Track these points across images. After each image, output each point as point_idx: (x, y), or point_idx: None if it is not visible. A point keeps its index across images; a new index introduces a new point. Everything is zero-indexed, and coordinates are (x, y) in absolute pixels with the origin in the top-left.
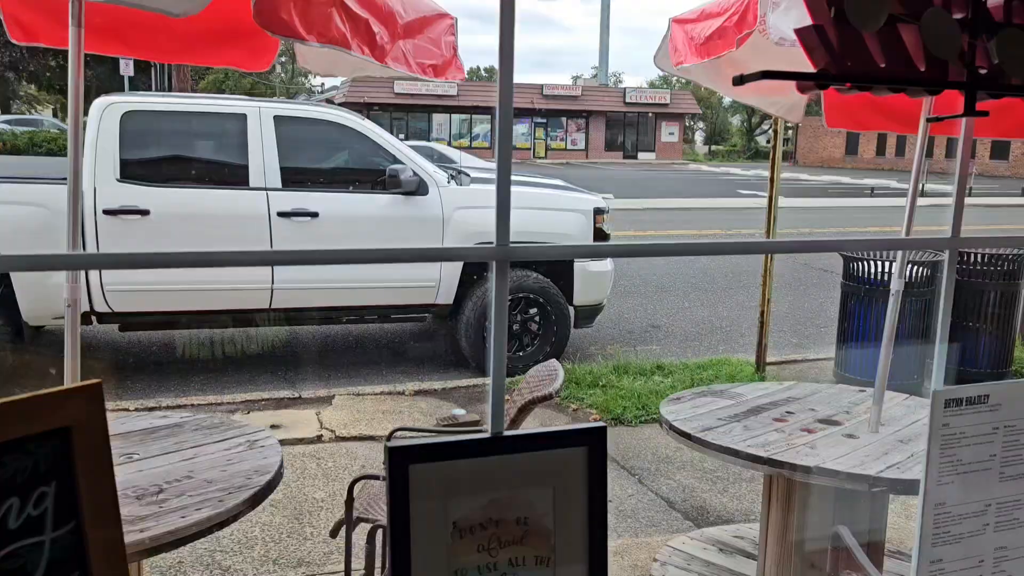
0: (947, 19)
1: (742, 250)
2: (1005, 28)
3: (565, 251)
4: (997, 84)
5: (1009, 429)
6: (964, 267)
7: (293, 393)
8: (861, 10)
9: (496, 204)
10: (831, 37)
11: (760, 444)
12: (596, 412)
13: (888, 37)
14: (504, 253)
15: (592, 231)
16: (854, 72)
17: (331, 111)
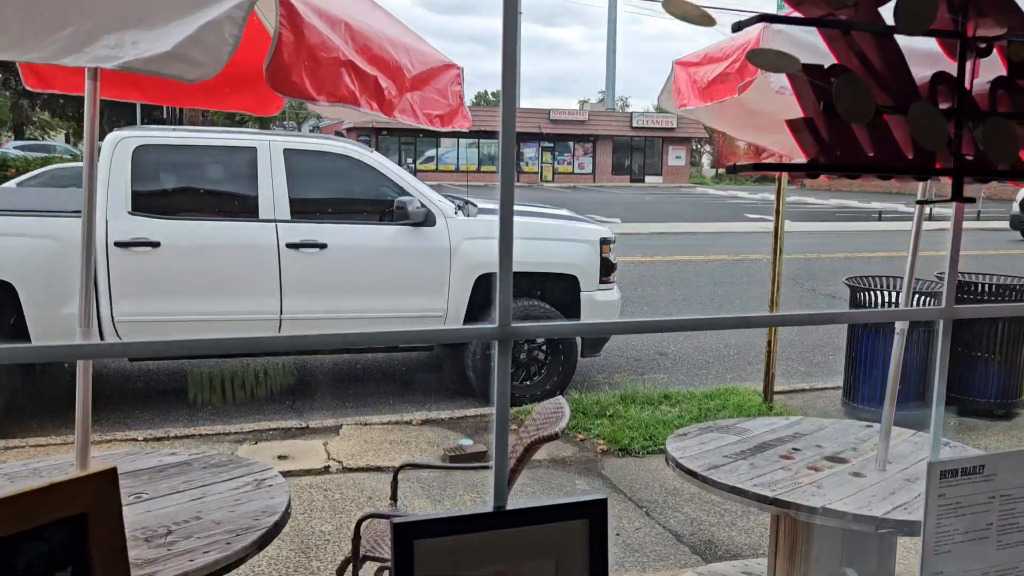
0: (933, 111)
1: (747, 324)
2: (990, 117)
3: (568, 329)
4: (983, 170)
5: (1005, 498)
6: (972, 297)
7: (301, 423)
8: (850, 105)
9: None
10: (821, 129)
11: (766, 483)
12: (603, 442)
13: (876, 128)
14: (506, 333)
15: (599, 261)
16: (844, 161)
17: (339, 144)
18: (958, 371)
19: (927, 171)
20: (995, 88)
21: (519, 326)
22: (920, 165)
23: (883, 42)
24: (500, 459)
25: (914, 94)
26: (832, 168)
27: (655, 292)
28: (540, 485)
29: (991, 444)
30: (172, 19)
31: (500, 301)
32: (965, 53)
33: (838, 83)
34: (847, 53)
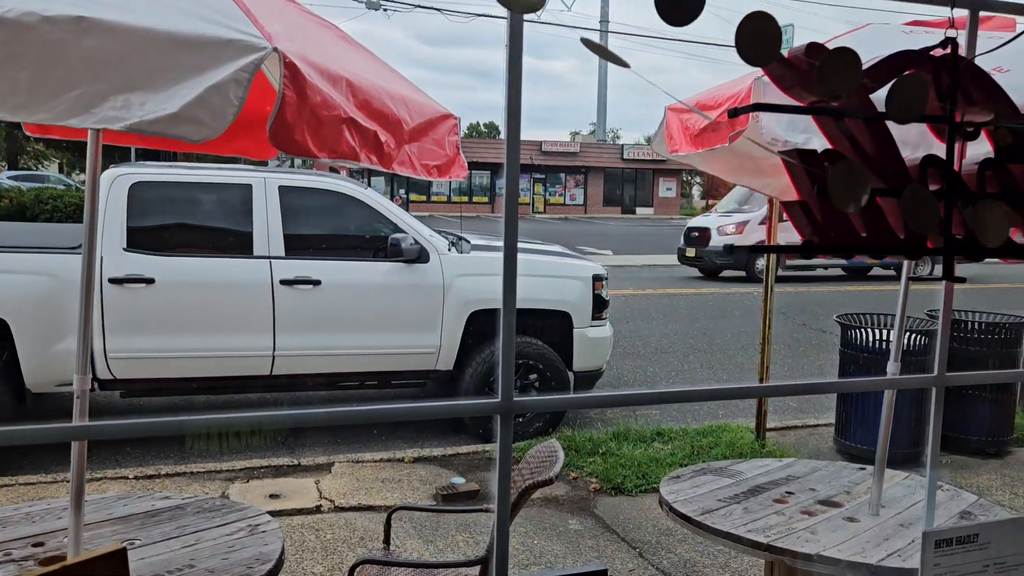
0: (926, 194)
1: (739, 395)
2: (982, 198)
3: (566, 402)
4: (974, 250)
5: (1000, 566)
6: (964, 335)
7: (292, 460)
8: (844, 192)
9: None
10: (815, 211)
11: (760, 528)
12: (596, 481)
13: (869, 210)
14: (508, 407)
15: (592, 297)
16: (837, 242)
17: (333, 180)
18: (951, 410)
19: (919, 251)
20: (983, 169)
21: (521, 400)
22: (912, 245)
23: (874, 128)
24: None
25: (905, 177)
26: (826, 249)
27: (647, 326)
28: (533, 525)
29: (983, 483)
30: (179, 80)
31: (503, 375)
32: (954, 137)
33: (833, 170)
34: (839, 137)
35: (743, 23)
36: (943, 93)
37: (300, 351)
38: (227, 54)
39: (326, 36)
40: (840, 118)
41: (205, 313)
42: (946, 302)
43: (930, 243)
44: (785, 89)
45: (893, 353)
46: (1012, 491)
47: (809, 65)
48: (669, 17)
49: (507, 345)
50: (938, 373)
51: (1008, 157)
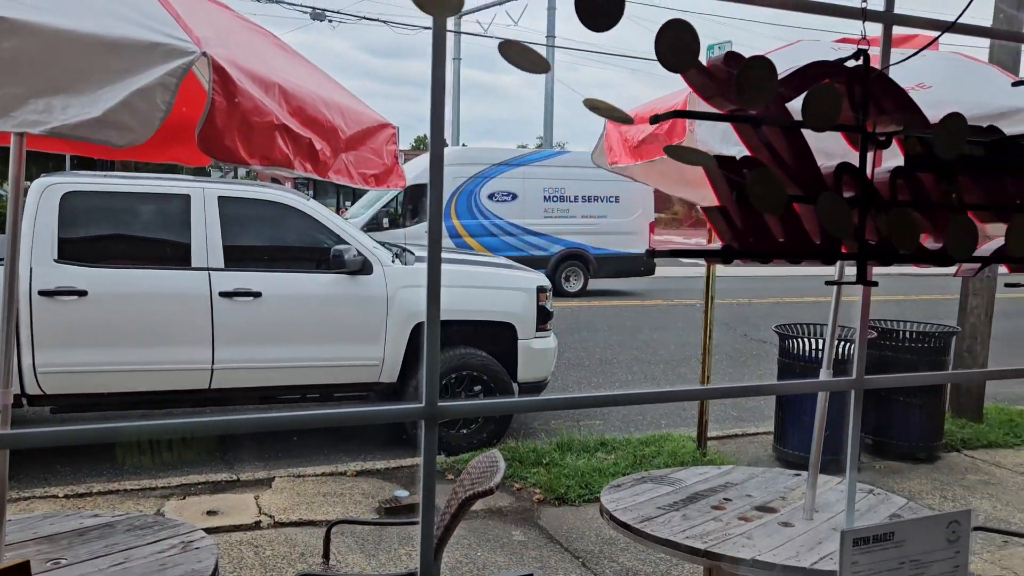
0: (840, 201)
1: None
2: (895, 206)
3: (494, 407)
4: (886, 254)
5: (915, 563)
6: (895, 344)
7: (231, 475)
8: (763, 198)
9: (425, 357)
10: (734, 217)
11: (698, 535)
12: (540, 491)
13: (787, 216)
14: (433, 412)
15: (536, 309)
16: (756, 248)
17: (275, 191)
18: (882, 416)
19: (834, 256)
20: (895, 177)
21: (446, 405)
22: (828, 251)
23: (791, 136)
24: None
25: (821, 184)
26: (745, 254)
27: (592, 338)
28: (477, 537)
29: (914, 487)
30: (103, 84)
31: (427, 380)
32: (867, 146)
33: (751, 176)
34: (758, 145)
35: (661, 31)
36: (856, 103)
37: (240, 364)
38: (154, 58)
39: (260, 42)
40: (758, 126)
41: (140, 326)
42: (863, 307)
43: (845, 248)
44: (707, 98)
45: (825, 361)
46: (942, 495)
47: (728, 74)
48: (590, 23)
49: (431, 351)
50: (856, 376)
51: (918, 166)
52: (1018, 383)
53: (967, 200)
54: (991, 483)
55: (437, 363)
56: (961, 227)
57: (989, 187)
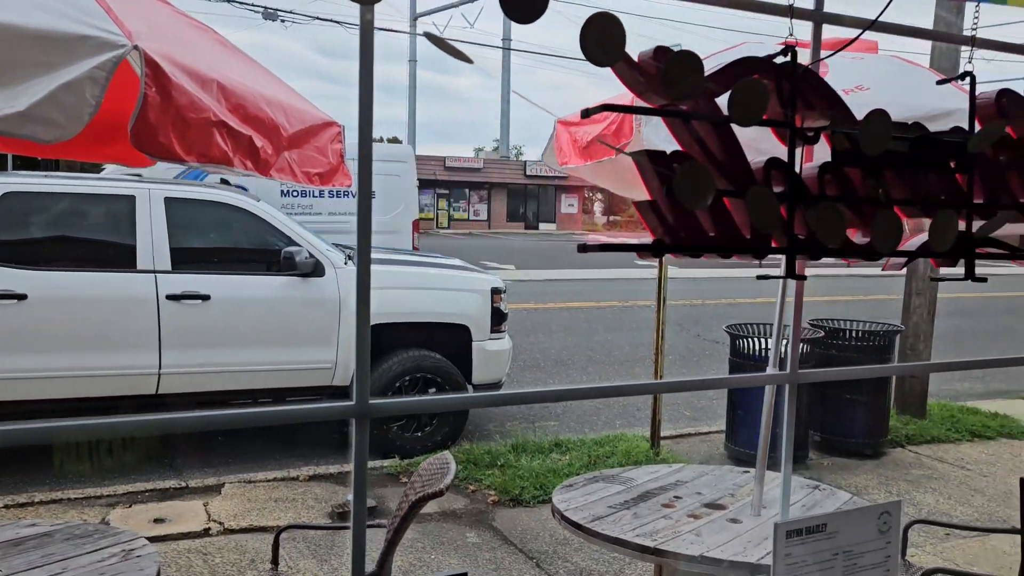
0: (768, 195)
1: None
2: (821, 200)
3: (428, 404)
4: (815, 249)
5: (848, 554)
6: (841, 343)
7: (179, 482)
8: (691, 191)
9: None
10: (665, 211)
11: (648, 533)
12: (494, 493)
13: (717, 210)
14: (364, 410)
15: (490, 310)
16: (686, 242)
17: (225, 193)
18: (829, 413)
19: (764, 250)
20: (823, 173)
21: (378, 403)
22: (757, 245)
23: (721, 131)
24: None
25: (750, 179)
26: (675, 248)
27: (547, 339)
28: (431, 539)
29: (860, 483)
30: (28, 77)
31: (358, 378)
32: (795, 141)
33: (680, 170)
34: (688, 140)
35: (586, 25)
36: (784, 99)
37: (188, 369)
38: (82, 51)
39: (199, 38)
40: (688, 121)
41: (83, 330)
42: (796, 302)
43: (775, 242)
44: (639, 94)
45: (771, 360)
46: (887, 489)
47: (657, 69)
48: (514, 14)
49: (362, 348)
50: (790, 371)
51: (845, 161)
52: (960, 381)
53: (893, 195)
54: (934, 477)
55: (367, 359)
56: (886, 222)
57: (914, 183)
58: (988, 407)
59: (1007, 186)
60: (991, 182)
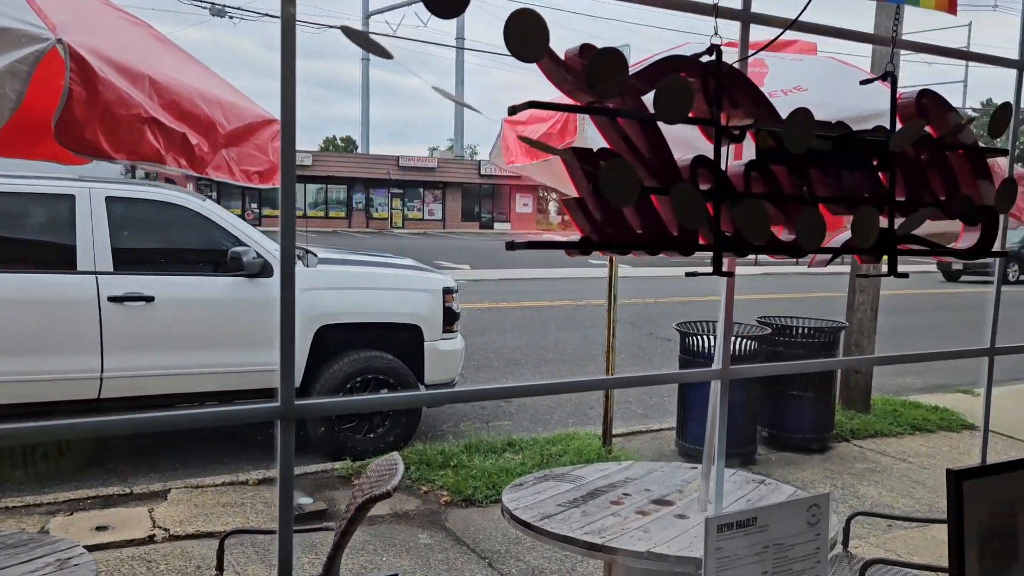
0: (693, 192)
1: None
2: (745, 198)
3: (356, 404)
4: (741, 246)
5: (778, 547)
6: (788, 340)
7: (124, 489)
8: (615, 188)
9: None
10: (592, 208)
11: (596, 530)
12: (447, 493)
13: (644, 208)
14: (289, 411)
15: (442, 310)
16: (614, 239)
17: (169, 192)
18: (777, 409)
19: (691, 247)
20: (749, 170)
21: (304, 403)
22: (684, 242)
23: (647, 129)
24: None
25: (677, 176)
26: (603, 245)
27: (500, 339)
28: (382, 541)
29: (807, 477)
30: None
31: (282, 377)
32: (720, 139)
33: (604, 167)
34: (616, 138)
35: (509, 20)
36: (710, 97)
37: (132, 372)
38: (2, 44)
39: (131, 32)
40: (613, 118)
41: (21, 333)
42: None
43: (703, 239)
44: (568, 92)
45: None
46: (832, 483)
47: (583, 66)
48: (436, 10)
49: (286, 346)
50: (722, 367)
51: (770, 159)
52: (902, 376)
53: (818, 193)
54: (877, 470)
55: (291, 358)
56: (809, 219)
57: (838, 181)
58: (929, 401)
59: (928, 184)
60: (913, 180)
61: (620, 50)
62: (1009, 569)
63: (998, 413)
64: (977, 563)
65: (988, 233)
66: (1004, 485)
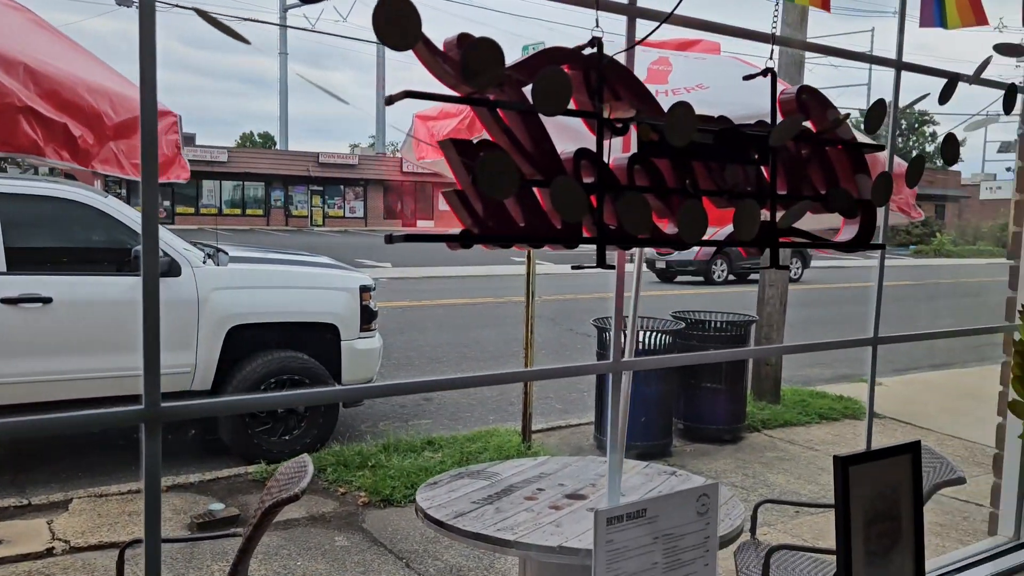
0: (573, 185)
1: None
2: (626, 191)
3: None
4: (625, 239)
5: (668, 537)
6: (701, 333)
7: (20, 500)
8: (492, 181)
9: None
10: (473, 201)
11: (509, 527)
12: (364, 494)
13: (526, 200)
14: (154, 415)
15: (359, 308)
16: (496, 232)
17: (67, 188)
18: (691, 402)
19: (575, 240)
20: (632, 164)
21: (171, 406)
22: (568, 235)
23: (528, 120)
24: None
25: (559, 169)
26: (484, 239)
27: (421, 336)
28: (297, 546)
29: (719, 467)
30: None
31: (148, 375)
32: (603, 132)
33: (481, 159)
34: (497, 130)
35: (377, 7)
36: (592, 90)
37: (28, 377)
38: None
39: (8, 17)
40: (493, 110)
41: None
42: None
43: (587, 232)
44: (450, 85)
45: (626, 350)
46: (743, 472)
47: (460, 56)
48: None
49: (150, 343)
50: (613, 360)
51: (653, 152)
52: (810, 367)
53: (701, 186)
54: (786, 459)
55: (157, 357)
56: (692, 212)
57: (721, 174)
58: (834, 391)
59: (808, 178)
60: (794, 174)
61: (495, 40)
62: (892, 550)
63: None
64: (863, 545)
65: (867, 226)
66: (888, 469)
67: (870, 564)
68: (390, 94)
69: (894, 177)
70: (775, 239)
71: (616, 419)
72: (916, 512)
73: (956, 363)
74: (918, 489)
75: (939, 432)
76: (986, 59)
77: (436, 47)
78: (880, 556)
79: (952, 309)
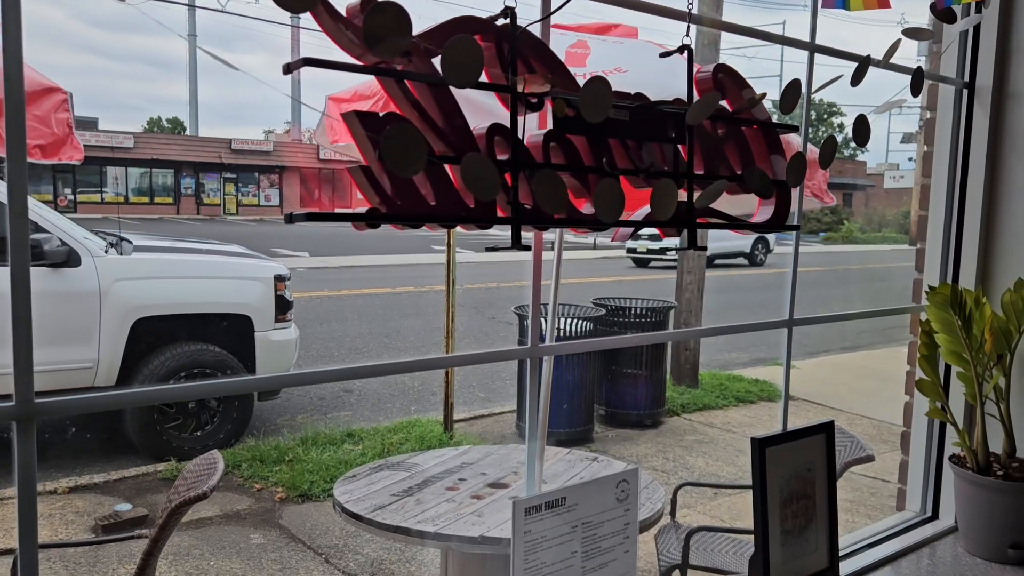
0: (483, 162)
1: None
2: (541, 168)
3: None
4: (540, 218)
5: (587, 525)
6: (622, 320)
7: None
8: (397, 157)
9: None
10: (380, 178)
11: (430, 518)
12: (281, 490)
13: (437, 178)
14: (27, 411)
15: (274, 299)
16: (405, 211)
17: None
18: (612, 388)
19: (489, 220)
20: (548, 141)
21: (45, 403)
22: (482, 214)
23: (439, 93)
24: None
25: (472, 145)
26: (392, 218)
27: (341, 327)
28: (211, 545)
29: (641, 452)
30: None
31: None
32: (517, 106)
33: (387, 132)
34: (405, 103)
35: None
36: (504, 62)
37: None
38: None
39: None
40: (401, 81)
41: None
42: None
43: (501, 212)
44: (356, 56)
45: (546, 336)
46: (664, 456)
47: (363, 22)
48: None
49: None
50: (531, 345)
51: (568, 128)
52: (728, 352)
53: (619, 165)
54: (705, 442)
55: (30, 349)
56: (608, 191)
57: (639, 153)
58: (751, 374)
59: (725, 158)
60: (711, 154)
61: (400, 5)
62: (807, 529)
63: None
64: (779, 524)
65: (781, 207)
66: (803, 450)
67: (786, 543)
68: (288, 62)
69: (807, 162)
70: (693, 220)
71: (536, 406)
72: (830, 491)
73: (864, 345)
74: (832, 468)
75: (849, 412)
76: (895, 42)
77: (339, 12)
78: (796, 535)
79: (861, 293)
